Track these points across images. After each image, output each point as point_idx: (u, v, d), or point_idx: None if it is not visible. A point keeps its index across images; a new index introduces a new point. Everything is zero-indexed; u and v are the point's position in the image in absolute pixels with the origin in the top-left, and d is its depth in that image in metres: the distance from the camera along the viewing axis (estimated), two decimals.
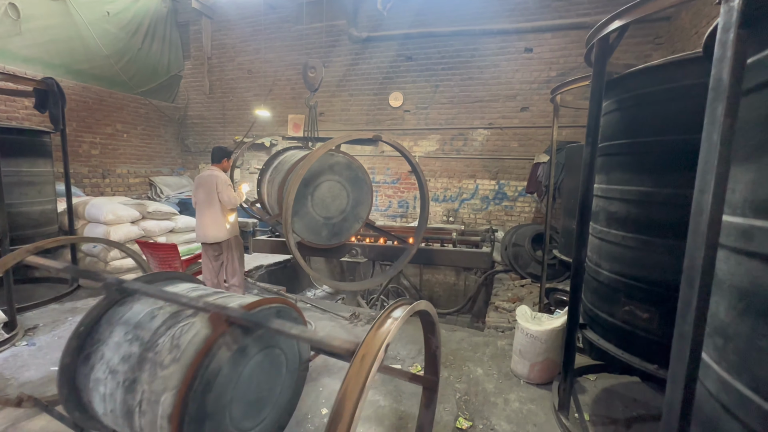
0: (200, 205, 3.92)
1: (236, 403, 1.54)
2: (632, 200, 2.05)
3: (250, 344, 1.57)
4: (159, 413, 1.42)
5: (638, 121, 2.03)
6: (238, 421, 1.56)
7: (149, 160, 8.49)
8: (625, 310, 2.08)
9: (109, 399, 1.57)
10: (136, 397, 1.49)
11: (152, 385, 1.48)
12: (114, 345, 1.65)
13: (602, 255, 2.29)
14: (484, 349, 3.60)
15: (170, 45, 8.63)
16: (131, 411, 1.50)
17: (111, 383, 1.56)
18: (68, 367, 1.67)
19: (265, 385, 1.69)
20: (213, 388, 1.44)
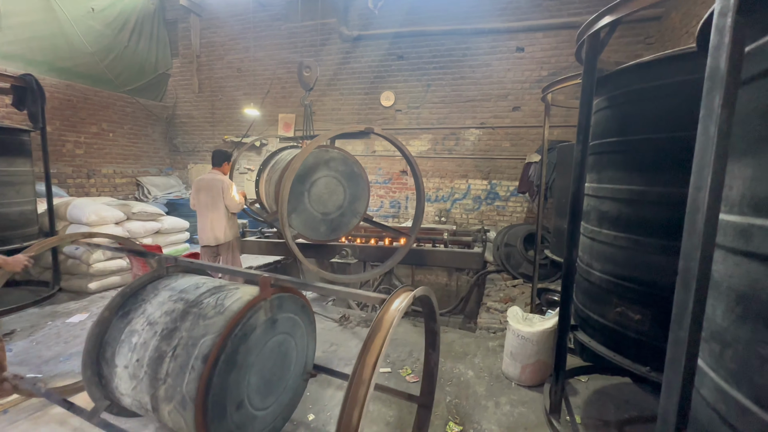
0: (203, 208, 3.99)
1: (255, 370, 1.69)
2: (624, 199, 2.01)
3: (278, 320, 1.82)
4: (194, 354, 1.59)
5: (629, 119, 1.99)
6: (252, 393, 1.69)
7: (136, 160, 8.33)
8: (617, 311, 2.04)
9: (139, 348, 1.72)
10: (171, 343, 1.66)
11: (192, 331, 1.66)
12: (158, 303, 1.85)
13: (594, 255, 2.25)
14: (475, 350, 3.55)
15: (158, 42, 8.47)
16: (162, 356, 1.65)
17: (147, 333, 1.74)
18: (105, 320, 1.87)
19: (276, 372, 1.84)
20: (248, 340, 1.64)
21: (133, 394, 1.71)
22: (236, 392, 1.61)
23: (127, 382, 1.73)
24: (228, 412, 1.59)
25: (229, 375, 1.58)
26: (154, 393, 1.64)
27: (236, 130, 8.42)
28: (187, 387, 1.55)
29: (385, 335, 1.39)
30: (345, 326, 4.04)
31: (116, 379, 1.78)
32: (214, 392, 1.53)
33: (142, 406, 1.71)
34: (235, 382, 1.60)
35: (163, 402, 1.61)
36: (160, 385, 1.62)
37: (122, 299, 1.94)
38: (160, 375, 1.64)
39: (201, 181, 4.05)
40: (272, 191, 3.52)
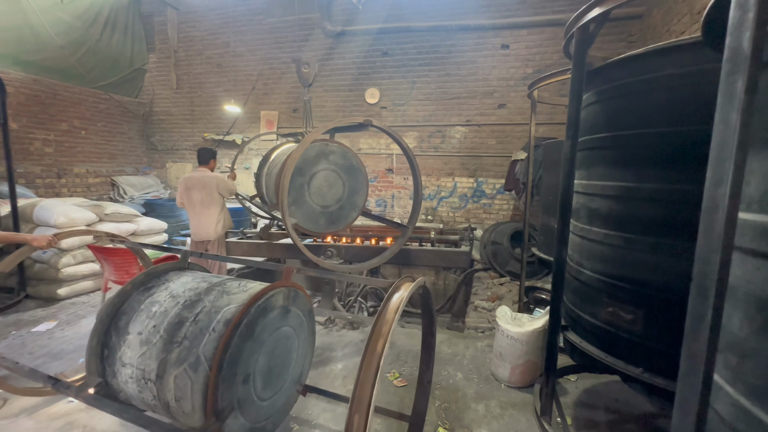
0: (196, 205, 4.15)
1: (265, 351, 1.77)
2: (614, 196, 1.96)
3: (291, 312, 1.93)
4: (217, 319, 1.71)
5: (619, 114, 1.94)
6: (257, 373, 1.74)
7: (111, 159, 7.98)
8: (608, 311, 1.99)
9: (159, 315, 1.79)
10: (194, 311, 1.76)
11: (216, 302, 1.79)
12: (181, 282, 1.96)
13: (584, 254, 2.20)
14: (464, 351, 3.49)
15: (133, 37, 8.14)
16: (183, 321, 1.73)
17: (169, 303, 1.83)
18: (126, 293, 1.92)
19: (279, 364, 1.89)
20: (266, 317, 1.76)
21: (139, 361, 1.71)
22: (247, 364, 1.66)
23: (136, 348, 1.74)
24: (236, 381, 1.62)
25: (246, 342, 1.65)
26: (164, 357, 1.66)
27: (217, 127, 8.17)
28: (205, 348, 1.62)
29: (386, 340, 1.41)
30: (331, 329, 3.92)
31: (124, 347, 1.78)
32: (231, 355, 1.59)
33: (144, 375, 1.70)
34: (248, 352, 1.66)
35: (173, 366, 1.63)
36: (174, 348, 1.66)
37: (146, 278, 2.01)
38: (176, 338, 1.69)
39: (190, 179, 4.16)
40: (272, 184, 3.52)
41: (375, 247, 4.66)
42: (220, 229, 4.35)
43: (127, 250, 3.60)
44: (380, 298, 6.26)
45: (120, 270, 3.64)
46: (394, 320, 1.45)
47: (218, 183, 4.24)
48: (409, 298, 1.57)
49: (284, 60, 7.54)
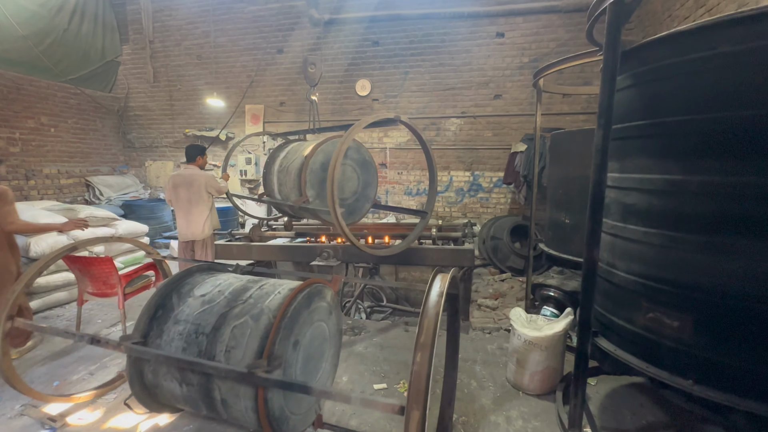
0: (184, 203, 4.05)
1: (309, 334, 1.80)
2: (655, 191, 1.77)
3: (332, 316, 2.00)
4: (279, 289, 1.87)
5: (662, 98, 1.74)
6: (302, 350, 1.75)
7: (85, 158, 7.48)
8: (649, 317, 1.81)
9: (224, 285, 1.91)
10: (258, 284, 1.91)
11: (276, 283, 1.93)
12: (234, 277, 2.07)
13: (616, 253, 2.01)
14: (474, 355, 3.30)
15: (104, 26, 7.60)
16: (248, 288, 1.87)
17: (233, 280, 1.96)
18: (190, 272, 2.04)
19: (312, 362, 1.86)
20: (318, 300, 1.86)
21: (195, 317, 1.76)
22: (300, 329, 1.71)
23: (196, 307, 1.79)
24: (291, 337, 1.66)
25: (303, 310, 1.73)
26: (225, 312, 1.74)
27: (198, 123, 7.74)
28: (270, 303, 1.74)
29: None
30: None
31: (182, 306, 1.82)
32: (293, 310, 1.68)
33: (197, 330, 1.72)
34: (303, 319, 1.73)
35: (233, 318, 1.71)
36: (238, 305, 1.76)
37: (209, 267, 2.19)
38: (241, 298, 1.79)
39: (178, 177, 4.08)
40: (291, 180, 3.64)
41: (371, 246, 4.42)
42: (207, 229, 4.20)
43: (105, 260, 3.27)
44: (377, 298, 6.05)
45: (97, 281, 3.31)
46: (438, 315, 1.48)
47: (207, 181, 4.10)
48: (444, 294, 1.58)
49: (269, 51, 7.16)
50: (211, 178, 4.14)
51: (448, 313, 2.11)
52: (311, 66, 4.29)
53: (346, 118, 6.91)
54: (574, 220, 3.41)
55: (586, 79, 5.80)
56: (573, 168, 3.42)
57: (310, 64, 4.29)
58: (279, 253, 4.60)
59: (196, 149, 4.23)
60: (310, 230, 5.38)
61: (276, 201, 4.01)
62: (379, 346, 3.47)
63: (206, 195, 4.09)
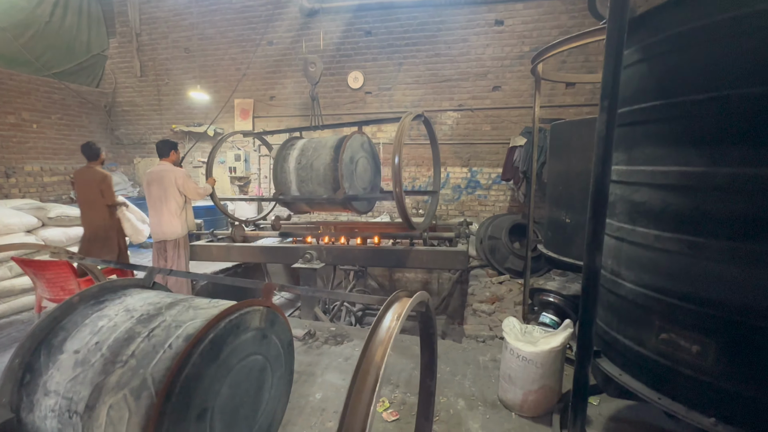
0: (155, 201, 3.93)
1: (230, 383, 1.43)
2: (670, 186, 1.46)
3: (267, 338, 1.61)
4: (176, 334, 1.39)
5: (679, 73, 1.43)
6: (216, 411, 1.38)
7: (70, 155, 7.25)
8: (663, 338, 1.50)
9: (105, 330, 1.46)
10: (150, 326, 1.44)
11: (180, 316, 1.49)
12: (141, 298, 1.65)
13: (622, 261, 1.70)
14: (464, 368, 3.00)
15: (89, 19, 7.35)
16: (133, 337, 1.41)
17: (121, 317, 1.51)
18: (71, 306, 1.58)
19: (245, 407, 1.54)
20: (238, 336, 1.43)
21: (67, 388, 1.36)
22: (206, 394, 1.32)
23: (67, 371, 1.39)
24: (189, 415, 1.26)
25: (208, 365, 1.31)
26: (101, 381, 1.32)
27: (186, 118, 7.48)
28: (155, 368, 1.29)
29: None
30: (310, 345, 3.40)
31: (52, 370, 1.42)
32: (187, 377, 1.24)
33: (69, 407, 1.34)
34: (210, 378, 1.33)
35: (109, 393, 1.31)
36: (116, 369, 1.33)
37: (100, 291, 1.67)
38: (121, 357, 1.36)
39: (151, 174, 3.98)
40: (318, 176, 3.84)
41: (360, 248, 4.13)
42: (179, 229, 3.99)
43: (61, 263, 3.01)
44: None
45: (54, 286, 3.06)
46: (385, 353, 1.07)
47: (176, 178, 3.94)
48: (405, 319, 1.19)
49: (258, 42, 6.87)
50: (181, 176, 3.94)
51: (422, 336, 1.77)
52: (311, 65, 4.30)
53: (338, 112, 6.62)
54: (576, 220, 3.09)
55: (590, 69, 5.45)
56: (575, 162, 3.10)
57: (311, 64, 4.30)
58: (260, 255, 4.34)
59: (168, 144, 4.08)
60: (296, 230, 5.10)
61: (305, 198, 4.00)
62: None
63: (176, 192, 3.89)
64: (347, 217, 6.59)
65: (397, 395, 2.65)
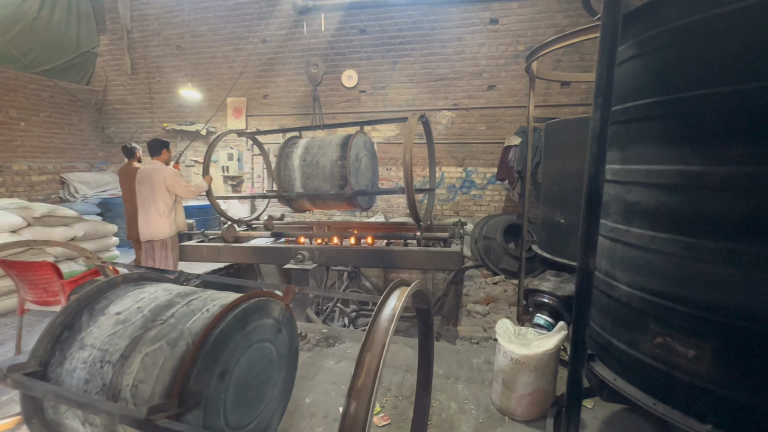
0: (144, 200, 3.88)
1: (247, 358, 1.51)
2: (666, 185, 1.42)
3: (282, 334, 1.70)
4: (213, 303, 1.56)
5: (675, 69, 1.39)
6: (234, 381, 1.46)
7: (59, 154, 7.13)
8: (657, 341, 1.46)
9: (146, 300, 1.58)
10: (188, 298, 1.59)
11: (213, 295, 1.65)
12: (175, 287, 1.77)
13: (617, 262, 1.66)
14: (458, 371, 2.96)
15: (78, 15, 7.23)
16: (173, 304, 1.55)
17: (161, 293, 1.63)
18: (114, 282, 1.71)
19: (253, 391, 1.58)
20: (262, 316, 1.56)
21: (104, 341, 1.44)
22: (230, 356, 1.42)
23: (107, 328, 1.48)
24: (215, 368, 1.36)
25: (236, 331, 1.44)
26: (139, 335, 1.43)
27: (178, 116, 7.38)
28: (193, 325, 1.45)
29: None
30: (302, 347, 3.33)
31: (92, 327, 1.51)
32: (221, 332, 1.37)
33: (104, 357, 1.41)
34: (235, 345, 1.44)
35: (147, 344, 1.41)
36: (155, 326, 1.45)
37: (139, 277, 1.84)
38: (161, 317, 1.49)
39: (141, 172, 3.94)
40: (325, 173, 3.94)
41: (353, 248, 4.07)
42: (166, 229, 3.92)
43: (45, 265, 2.92)
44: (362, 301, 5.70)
45: (37, 288, 2.97)
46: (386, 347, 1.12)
47: (166, 178, 3.87)
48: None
49: (251, 40, 6.79)
50: (171, 176, 3.87)
51: (420, 331, 1.77)
52: (313, 66, 4.35)
53: (333, 111, 6.55)
54: (570, 220, 3.05)
55: (585, 68, 5.43)
56: (569, 161, 3.07)
57: (313, 65, 4.34)
58: (251, 255, 4.27)
59: (159, 143, 4.03)
60: (288, 230, 5.03)
61: (309, 194, 4.09)
62: (352, 360, 3.12)
63: (164, 192, 3.83)
64: (341, 217, 6.53)
65: (389, 399, 2.60)
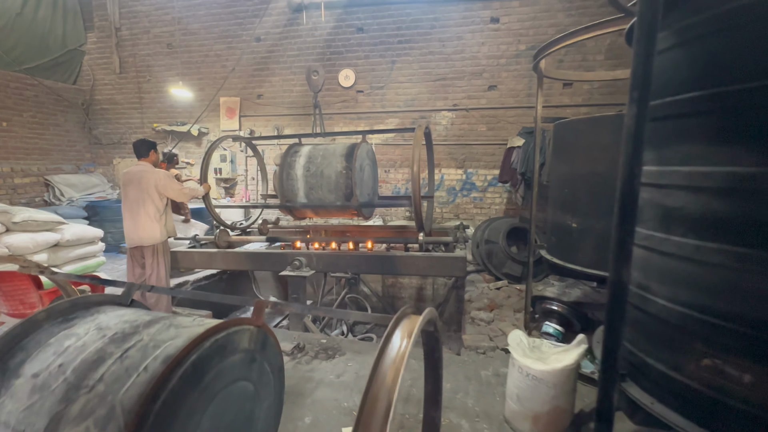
0: (131, 203, 3.65)
1: (213, 413, 1.24)
2: (714, 189, 1.27)
3: (257, 363, 1.45)
4: (154, 355, 1.19)
5: (726, 58, 1.24)
6: None
7: (44, 155, 6.85)
8: (705, 364, 1.30)
9: (72, 351, 1.24)
10: (124, 345, 1.23)
11: (159, 335, 1.29)
12: (117, 315, 1.45)
13: (652, 273, 1.51)
14: (466, 384, 2.79)
15: (65, 11, 6.98)
16: (103, 358, 1.20)
17: (92, 336, 1.30)
18: (35, 323, 1.37)
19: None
20: (224, 358, 1.26)
21: (19, 419, 1.16)
22: (184, 425, 1.14)
23: (22, 398, 1.20)
24: None
25: (189, 391, 1.14)
26: (60, 411, 1.13)
27: (169, 117, 7.15)
28: (126, 394, 1.12)
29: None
30: (299, 361, 3.14)
31: (4, 396, 1.23)
32: (164, 404, 1.06)
33: None
34: (190, 406, 1.15)
35: (69, 425, 1.11)
36: (80, 396, 1.14)
37: (71, 307, 1.47)
38: (87, 382, 1.16)
39: (128, 174, 3.71)
40: (330, 183, 3.90)
41: (352, 254, 3.90)
42: (157, 234, 3.72)
43: (18, 275, 2.71)
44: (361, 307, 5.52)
45: (12, 300, 2.75)
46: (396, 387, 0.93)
47: (158, 181, 3.66)
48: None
49: (245, 38, 6.59)
50: (163, 179, 3.66)
51: (426, 353, 1.57)
52: (314, 74, 4.24)
53: (329, 112, 6.37)
54: (583, 225, 2.91)
55: (588, 68, 5.31)
56: (580, 163, 2.93)
57: (313, 72, 4.24)
58: (245, 262, 4.07)
59: (146, 144, 3.84)
60: (284, 235, 4.84)
61: (313, 205, 4.03)
62: (355, 373, 2.95)
63: (155, 195, 3.62)
64: (338, 221, 6.35)
65: (395, 417, 2.42)
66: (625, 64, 5.13)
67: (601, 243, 2.78)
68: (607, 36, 5.18)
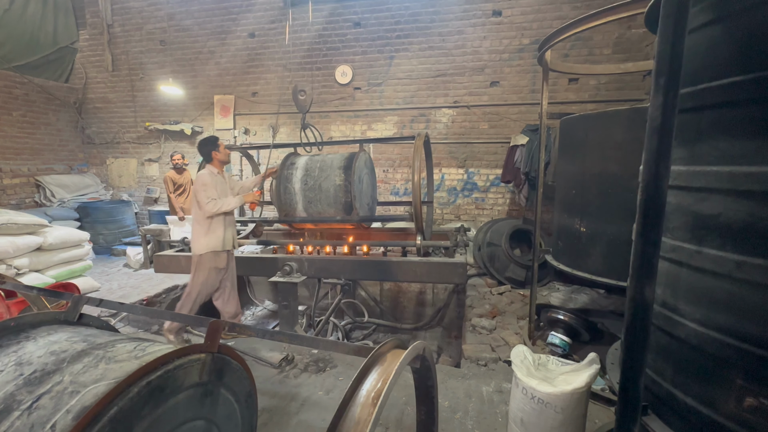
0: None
1: None
2: (761, 193, 1.05)
3: (214, 396, 1.23)
4: (67, 406, 0.97)
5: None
6: None
7: (35, 155, 6.69)
8: (749, 404, 1.09)
9: None
10: (38, 390, 1.02)
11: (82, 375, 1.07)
12: (45, 343, 1.22)
13: (681, 291, 1.29)
14: (466, 403, 2.58)
15: (55, 8, 6.81)
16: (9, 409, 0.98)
17: (7, 375, 1.10)
18: None
19: None
20: (164, 401, 1.05)
21: None
22: None
23: None
24: None
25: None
26: None
27: (162, 115, 6.97)
28: None
29: None
30: (287, 374, 2.94)
31: None
32: None
33: None
34: None
35: None
36: None
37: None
38: None
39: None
40: (329, 196, 3.82)
41: (347, 259, 3.69)
42: (198, 246, 3.32)
43: None
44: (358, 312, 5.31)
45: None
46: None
47: (196, 190, 3.28)
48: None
49: (239, 34, 6.40)
50: (197, 183, 3.27)
51: (416, 386, 1.36)
52: (301, 93, 4.02)
53: (325, 109, 6.17)
54: (592, 229, 2.69)
55: (595, 63, 5.08)
56: (590, 162, 2.70)
57: (300, 92, 4.02)
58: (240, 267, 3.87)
59: (206, 145, 3.32)
60: (277, 238, 4.64)
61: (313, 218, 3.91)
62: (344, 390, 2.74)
63: (197, 203, 3.29)
64: None
65: None
66: (634, 58, 4.89)
67: (612, 249, 2.56)
68: (615, 29, 4.95)
